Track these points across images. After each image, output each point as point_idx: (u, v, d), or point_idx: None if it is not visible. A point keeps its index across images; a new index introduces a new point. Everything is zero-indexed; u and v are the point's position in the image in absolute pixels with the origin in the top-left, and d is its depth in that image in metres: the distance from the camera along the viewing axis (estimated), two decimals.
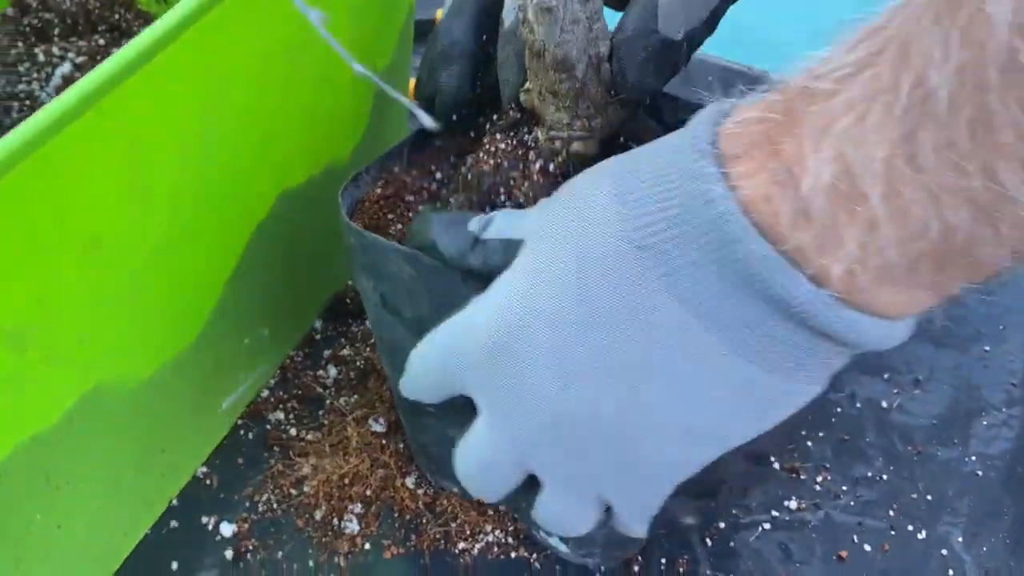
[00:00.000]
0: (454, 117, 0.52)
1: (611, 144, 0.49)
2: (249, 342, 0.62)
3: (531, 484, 0.41)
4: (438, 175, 0.53)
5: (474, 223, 0.43)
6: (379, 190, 0.52)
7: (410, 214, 0.51)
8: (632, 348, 0.35)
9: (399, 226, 0.51)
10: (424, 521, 0.59)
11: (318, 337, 0.69)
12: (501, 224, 0.42)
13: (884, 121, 0.28)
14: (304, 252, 0.64)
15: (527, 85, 0.48)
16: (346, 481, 0.60)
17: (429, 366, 0.41)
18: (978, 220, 0.28)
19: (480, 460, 0.41)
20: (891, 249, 0.30)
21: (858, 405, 0.64)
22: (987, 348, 0.67)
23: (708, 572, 0.57)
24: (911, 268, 0.30)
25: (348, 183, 0.51)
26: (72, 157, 0.42)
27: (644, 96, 0.46)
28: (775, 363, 0.34)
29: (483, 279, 0.42)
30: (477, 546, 0.58)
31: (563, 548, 0.56)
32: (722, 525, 0.59)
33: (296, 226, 0.62)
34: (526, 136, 0.49)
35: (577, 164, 0.48)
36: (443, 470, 0.57)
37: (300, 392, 0.65)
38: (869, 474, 0.61)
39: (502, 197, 0.48)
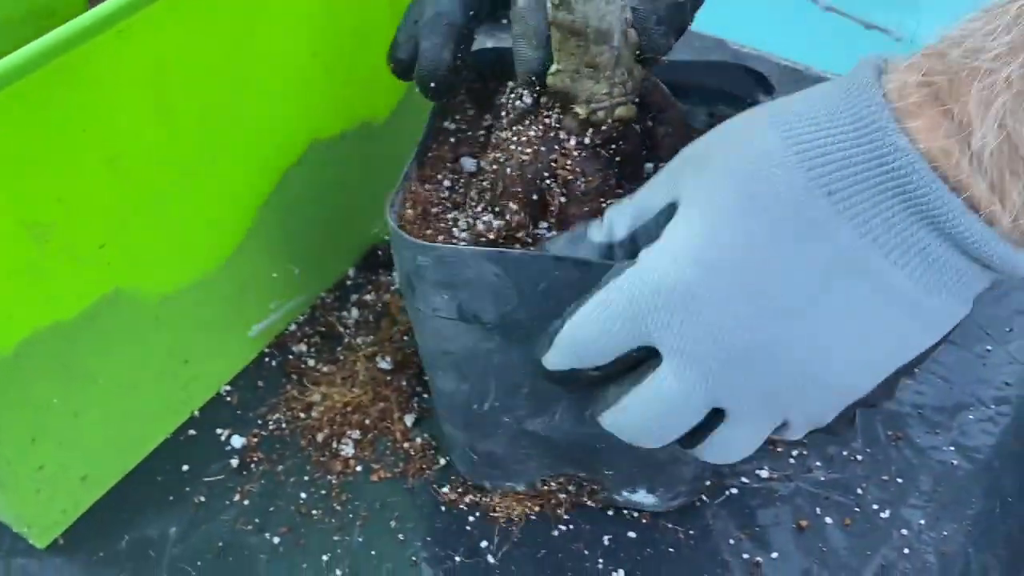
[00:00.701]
0: (432, 85, 0.53)
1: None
2: (279, 277, 0.68)
3: (706, 422, 0.43)
4: (445, 183, 0.56)
5: (594, 232, 0.47)
6: (409, 211, 0.55)
7: (441, 224, 0.54)
8: (820, 288, 0.38)
9: (440, 238, 0.53)
10: (412, 453, 0.64)
11: (349, 283, 0.74)
12: (628, 212, 0.45)
13: None
14: (336, 203, 0.70)
15: (557, 67, 0.50)
16: (348, 409, 0.65)
17: (610, 319, 0.42)
18: None
19: (666, 404, 0.42)
20: None
21: None
22: (989, 348, 0.68)
23: (668, 524, 0.60)
24: None
25: (389, 208, 0.52)
26: (95, 69, 0.48)
27: (664, 53, 0.50)
28: (945, 289, 0.38)
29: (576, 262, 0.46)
30: None
31: (650, 500, 0.60)
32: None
33: (328, 176, 0.67)
34: (547, 119, 0.52)
35: (621, 129, 0.51)
36: (503, 469, 0.60)
37: (324, 329, 0.71)
38: (845, 453, 0.63)
39: (547, 181, 0.51)
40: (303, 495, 0.62)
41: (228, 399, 0.67)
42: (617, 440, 0.45)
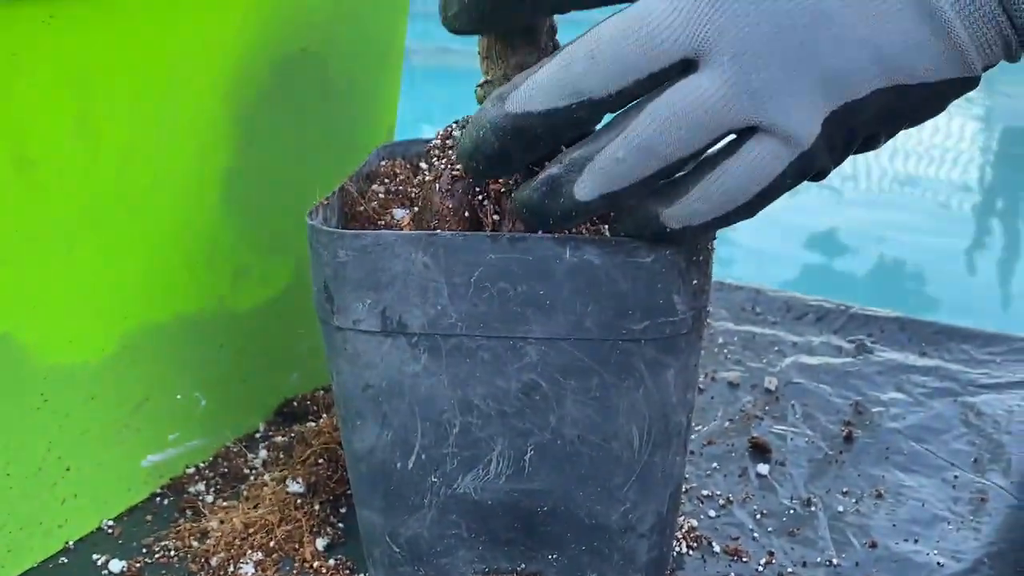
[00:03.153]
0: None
1: None
2: (182, 400, 0.61)
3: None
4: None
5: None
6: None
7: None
8: None
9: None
10: (324, 572, 0.55)
11: (258, 435, 0.67)
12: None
13: None
14: (251, 327, 0.65)
15: (485, 78, 0.49)
16: (250, 530, 0.56)
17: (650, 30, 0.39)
18: None
19: (699, 108, 0.39)
20: None
21: (812, 508, 0.60)
22: (956, 475, 0.63)
23: None
24: None
25: (309, 216, 0.49)
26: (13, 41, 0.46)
27: None
28: (975, 28, 0.39)
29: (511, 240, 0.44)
30: None
31: None
32: None
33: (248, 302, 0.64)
34: None
35: None
36: (429, 566, 0.52)
37: (227, 472, 0.63)
38: (818, 559, 0.55)
39: (479, 197, 0.49)
40: None
41: (110, 532, 0.58)
42: (557, 501, 0.48)
